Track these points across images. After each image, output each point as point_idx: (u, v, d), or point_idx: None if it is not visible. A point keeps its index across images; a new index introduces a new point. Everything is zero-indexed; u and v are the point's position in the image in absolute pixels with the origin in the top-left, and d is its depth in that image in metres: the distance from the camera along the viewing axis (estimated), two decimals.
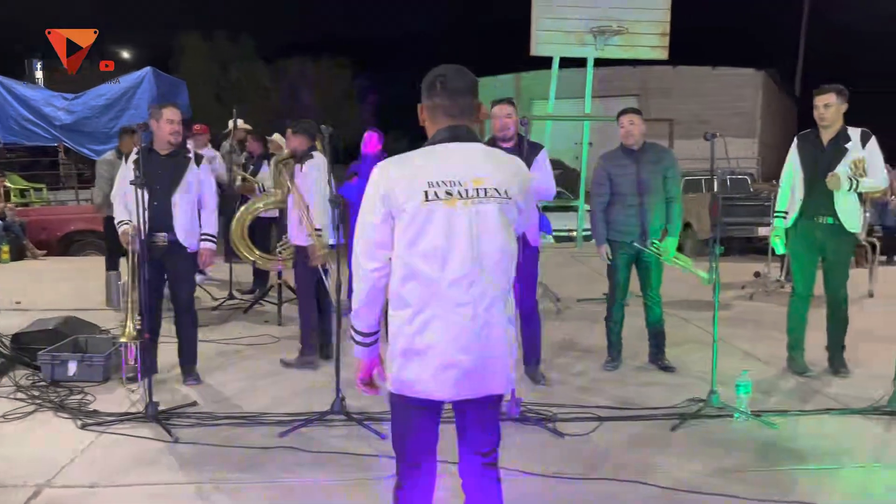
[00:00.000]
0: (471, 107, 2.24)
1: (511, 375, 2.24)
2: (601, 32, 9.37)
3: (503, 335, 2.18)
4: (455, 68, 2.25)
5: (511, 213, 2.19)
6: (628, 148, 5.02)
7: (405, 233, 2.11)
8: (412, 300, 2.13)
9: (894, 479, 3.39)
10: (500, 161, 2.24)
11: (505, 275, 2.19)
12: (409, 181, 2.11)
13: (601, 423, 4.02)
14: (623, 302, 5.23)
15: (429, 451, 2.27)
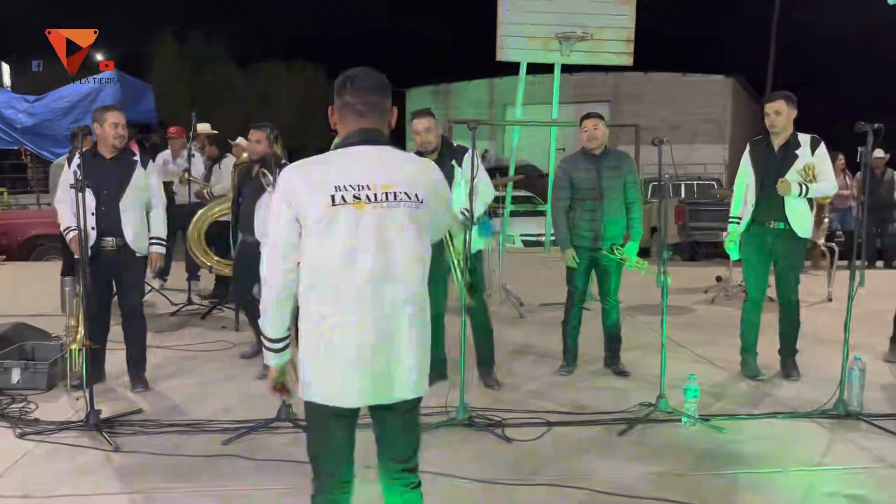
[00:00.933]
0: (381, 108, 2.20)
1: (422, 381, 2.22)
2: (566, 38, 9.40)
3: (413, 340, 2.16)
4: (365, 70, 2.22)
5: (422, 216, 2.17)
6: (590, 152, 5.04)
7: (311, 237, 2.08)
8: (320, 306, 2.11)
9: (834, 482, 3.41)
10: (411, 165, 2.22)
11: (416, 279, 2.17)
12: (316, 185, 2.08)
13: (550, 429, 4.01)
14: (581, 306, 5.24)
15: (344, 459, 2.23)
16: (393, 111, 2.26)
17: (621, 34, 9.75)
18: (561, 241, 5.12)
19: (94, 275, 4.29)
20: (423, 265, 2.20)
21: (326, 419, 2.17)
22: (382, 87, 2.21)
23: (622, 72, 19.38)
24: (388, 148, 2.19)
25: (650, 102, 21.44)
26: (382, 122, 2.22)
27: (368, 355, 2.10)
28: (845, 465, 3.61)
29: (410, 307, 2.15)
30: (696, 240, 11.54)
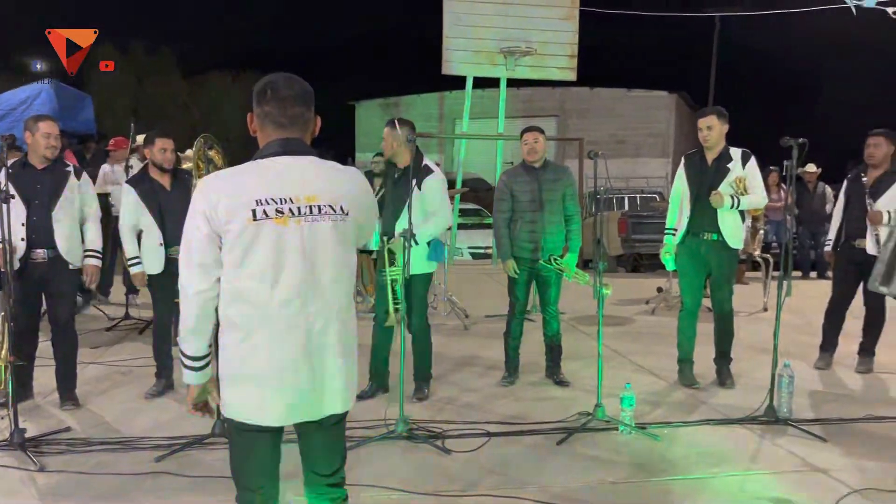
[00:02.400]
0: (304, 119, 2.15)
1: (349, 395, 2.19)
2: (511, 53, 9.53)
3: (340, 355, 2.13)
4: (286, 76, 2.15)
5: (347, 229, 2.13)
6: (530, 165, 5.11)
7: (232, 252, 2.02)
8: (241, 322, 2.05)
9: (762, 486, 3.50)
10: (335, 175, 2.15)
11: (342, 293, 2.14)
12: (235, 198, 2.00)
13: (489, 439, 4.03)
14: (522, 317, 5.28)
15: (268, 476, 2.18)
16: (317, 120, 2.22)
17: (565, 49, 9.93)
18: (502, 253, 5.17)
19: (22, 288, 4.15)
20: (350, 279, 2.18)
21: (249, 436, 2.12)
22: (306, 97, 2.14)
23: (568, 87, 19.69)
24: (312, 158, 2.13)
25: (596, 117, 21.85)
26: (305, 132, 2.16)
27: (293, 373, 2.05)
28: (773, 469, 3.71)
29: (336, 322, 2.12)
30: (638, 251, 11.77)
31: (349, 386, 2.18)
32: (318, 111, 2.22)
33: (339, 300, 2.13)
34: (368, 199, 2.25)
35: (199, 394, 2.20)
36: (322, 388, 2.10)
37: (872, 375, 5.45)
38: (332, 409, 2.15)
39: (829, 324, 5.65)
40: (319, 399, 2.11)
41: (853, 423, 4.37)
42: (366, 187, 2.25)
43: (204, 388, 2.19)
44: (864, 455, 3.87)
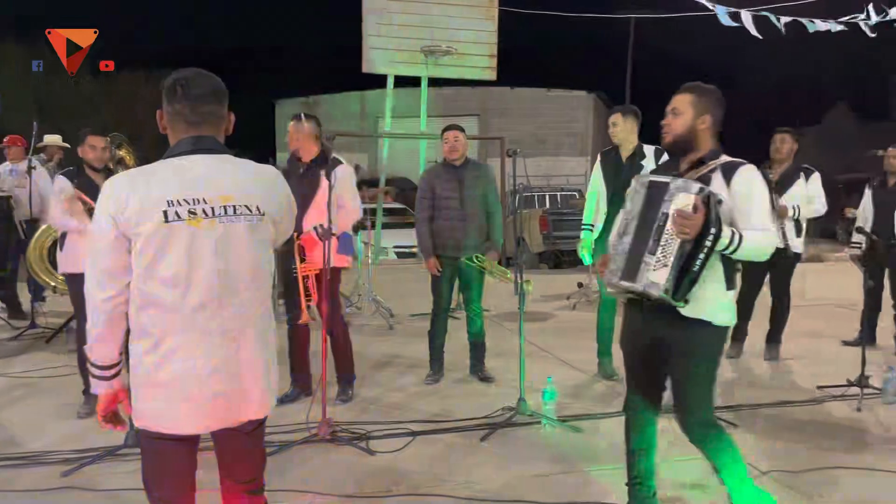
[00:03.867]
0: (216, 116, 2.07)
1: (268, 400, 2.13)
2: (431, 52, 9.51)
3: (258, 359, 2.07)
4: (197, 72, 2.07)
5: (264, 230, 2.07)
6: (451, 163, 5.12)
7: (142, 256, 1.93)
8: (153, 329, 1.96)
9: (678, 473, 3.62)
10: (251, 174, 2.08)
11: (260, 296, 2.09)
12: (145, 199, 1.91)
13: (414, 438, 4.02)
14: (446, 315, 5.29)
15: (183, 486, 2.10)
16: (230, 117, 2.14)
17: (485, 49, 9.97)
18: (424, 251, 5.16)
19: None
20: (267, 280, 2.11)
21: (164, 445, 2.04)
22: (218, 94, 2.07)
23: (490, 87, 19.89)
24: (226, 157, 2.05)
25: (517, 116, 22.14)
26: (218, 130, 2.09)
27: (208, 380, 1.98)
28: (688, 455, 3.81)
29: (253, 326, 2.05)
30: (559, 248, 11.98)
31: (267, 390, 2.12)
32: (236, 110, 2.17)
33: (256, 303, 2.07)
34: (286, 198, 2.20)
35: (109, 404, 2.09)
36: (239, 394, 2.04)
37: (779, 363, 5.71)
38: (250, 414, 2.09)
39: (739, 314, 5.83)
40: (236, 405, 2.04)
41: (762, 409, 4.56)
42: (283, 186, 2.19)
43: (114, 398, 2.09)
44: (773, 439, 4.05)
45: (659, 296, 2.60)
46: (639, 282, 2.65)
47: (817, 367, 5.49)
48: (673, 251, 2.59)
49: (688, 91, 2.80)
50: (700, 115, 2.74)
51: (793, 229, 5.54)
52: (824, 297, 8.52)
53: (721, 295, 2.70)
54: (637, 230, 2.73)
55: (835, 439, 4.07)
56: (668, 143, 2.79)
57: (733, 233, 2.58)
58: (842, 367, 5.21)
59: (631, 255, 2.71)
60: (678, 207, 2.57)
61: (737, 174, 2.65)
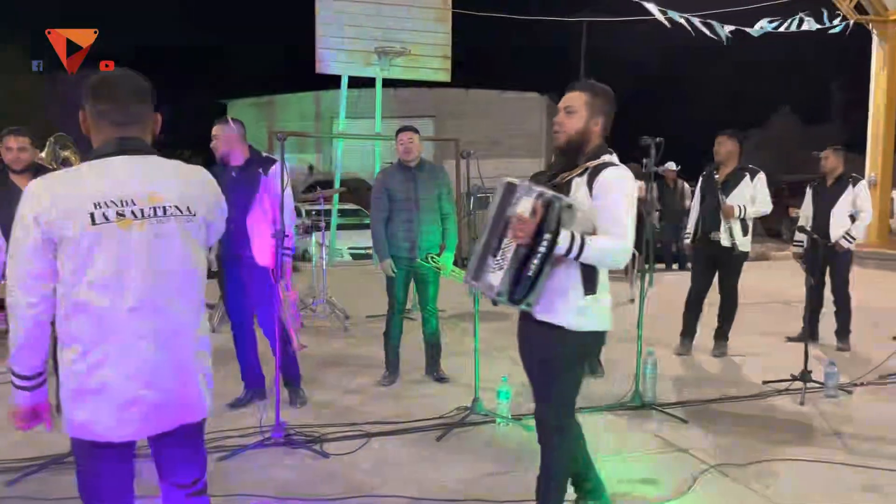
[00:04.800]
0: (143, 115, 2.03)
1: (205, 402, 2.11)
2: (385, 53, 9.54)
3: (193, 361, 2.05)
4: (122, 72, 2.05)
5: (196, 230, 2.05)
6: (406, 165, 5.12)
7: (70, 261, 1.88)
8: (83, 336, 1.91)
9: (630, 469, 3.69)
10: (180, 175, 2.06)
11: (193, 297, 2.06)
12: (70, 201, 1.87)
13: (369, 440, 4.01)
14: (401, 316, 5.29)
15: (121, 494, 2.06)
16: (156, 117, 2.10)
17: (439, 51, 10.04)
18: (379, 253, 5.16)
19: None
20: (200, 282, 2.09)
21: (99, 453, 1.98)
22: (143, 94, 2.04)
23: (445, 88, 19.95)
24: (153, 157, 2.02)
25: (471, 118, 22.22)
26: (145, 131, 2.05)
27: (145, 384, 1.94)
28: (640, 451, 3.92)
29: (187, 329, 2.03)
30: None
31: (203, 392, 2.10)
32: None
33: (190, 305, 2.05)
34: (217, 197, 2.17)
35: (31, 418, 2.03)
36: (174, 398, 2.01)
37: (727, 359, 5.86)
38: (187, 418, 2.07)
39: (689, 312, 6.03)
40: (172, 409, 2.02)
41: (710, 404, 4.68)
42: (213, 185, 2.17)
43: (34, 413, 2.03)
44: (720, 433, 4.16)
45: (494, 298, 2.61)
46: (481, 283, 2.65)
47: (763, 363, 5.65)
48: (508, 254, 2.57)
49: (582, 89, 2.71)
50: (594, 117, 2.69)
51: (739, 229, 5.69)
52: (770, 294, 8.77)
53: (578, 300, 2.64)
54: (488, 231, 2.69)
55: (779, 432, 4.20)
56: (562, 143, 2.71)
57: (573, 238, 2.50)
58: (786, 363, 5.37)
59: (480, 255, 2.69)
60: (519, 211, 2.54)
61: (598, 178, 2.58)
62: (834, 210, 6.11)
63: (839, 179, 6.19)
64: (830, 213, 6.10)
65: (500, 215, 2.64)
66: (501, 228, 2.62)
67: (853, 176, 6.25)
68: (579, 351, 2.76)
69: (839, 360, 5.34)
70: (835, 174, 6.21)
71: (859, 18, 11.79)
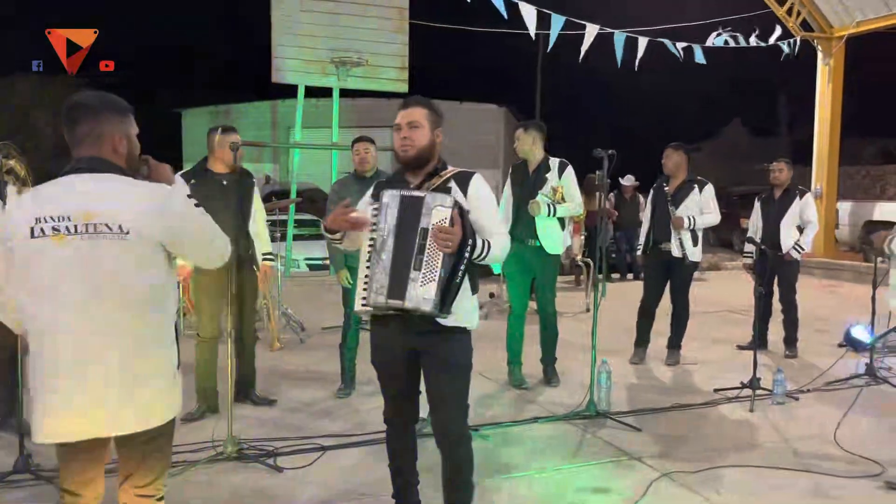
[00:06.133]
0: (95, 135, 2.13)
1: (142, 416, 2.14)
2: (342, 63, 9.51)
3: (125, 374, 2.09)
4: (78, 95, 2.20)
5: (135, 248, 2.08)
6: (361, 175, 5.10)
7: (17, 271, 2.07)
8: (31, 344, 2.08)
9: (583, 478, 3.72)
10: (127, 193, 2.11)
11: (132, 314, 2.10)
12: (21, 215, 2.07)
13: (324, 453, 3.97)
14: (358, 327, 5.26)
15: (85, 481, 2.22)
16: (113, 136, 2.15)
17: (396, 61, 10.05)
18: (335, 264, 5.13)
19: None
20: (145, 300, 2.12)
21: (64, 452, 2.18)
22: (91, 113, 2.14)
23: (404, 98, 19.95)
24: (106, 176, 2.10)
25: None
26: (100, 149, 2.14)
27: (85, 391, 2.06)
28: (593, 460, 3.95)
29: (121, 343, 2.08)
30: None
31: (139, 405, 2.12)
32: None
33: (127, 321, 2.09)
34: (178, 218, 2.17)
35: None
36: (103, 409, 2.08)
37: (680, 367, 5.96)
38: (122, 429, 2.12)
39: (642, 321, 6.12)
40: (101, 419, 2.09)
41: (663, 412, 4.75)
42: (178, 206, 2.17)
43: None
44: (672, 441, 4.23)
45: (430, 311, 2.58)
46: (408, 300, 2.58)
47: (714, 371, 5.76)
48: (438, 265, 2.58)
49: (420, 105, 2.83)
50: (435, 129, 2.81)
51: (689, 239, 5.80)
52: (721, 303, 8.95)
53: (470, 300, 2.79)
54: (396, 247, 2.64)
55: (729, 439, 4.28)
56: (412, 156, 2.77)
57: (483, 241, 2.67)
58: (737, 370, 5.49)
59: (394, 272, 2.62)
60: (436, 222, 2.58)
61: (471, 183, 2.76)
62: (783, 221, 6.27)
63: (787, 191, 6.36)
64: (779, 225, 6.26)
65: (411, 228, 2.62)
66: (418, 241, 2.61)
67: (800, 188, 6.44)
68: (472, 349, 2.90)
69: (787, 368, 5.48)
70: (783, 186, 6.38)
71: (805, 35, 12.14)
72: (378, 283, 2.63)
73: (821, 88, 12.65)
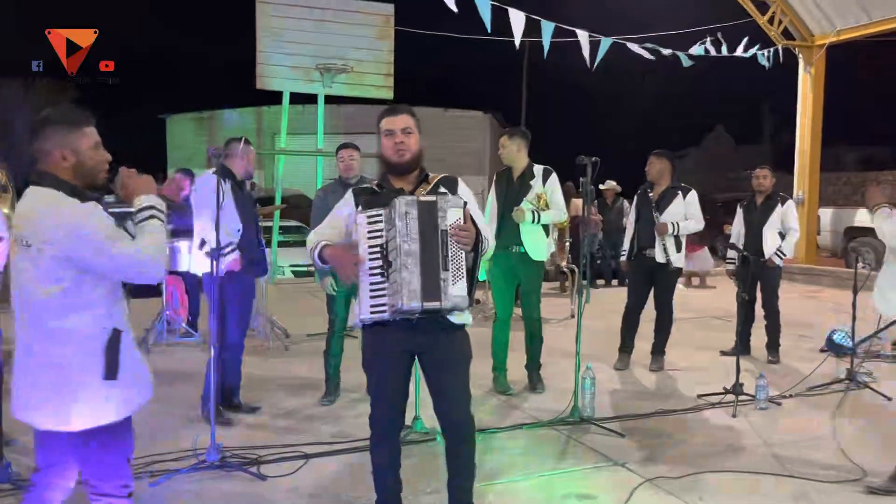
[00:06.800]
0: (38, 152, 2.34)
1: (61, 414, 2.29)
2: (327, 70, 9.49)
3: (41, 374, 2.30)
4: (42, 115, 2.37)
5: (37, 261, 2.26)
6: (346, 181, 5.10)
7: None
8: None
9: (567, 484, 3.72)
10: (41, 208, 2.28)
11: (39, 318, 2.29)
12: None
13: (308, 461, 3.95)
14: (342, 334, 5.24)
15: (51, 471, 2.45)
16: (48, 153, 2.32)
17: (381, 68, 10.05)
18: (318, 270, 5.11)
19: None
20: (45, 305, 2.28)
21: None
22: (38, 130, 2.35)
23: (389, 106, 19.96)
24: (39, 189, 2.32)
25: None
26: (47, 165, 2.33)
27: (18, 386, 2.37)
28: (578, 467, 3.96)
29: (38, 345, 2.31)
30: None
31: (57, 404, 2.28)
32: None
33: (36, 325, 2.30)
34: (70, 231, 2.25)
35: None
36: (31, 402, 2.33)
37: (664, 373, 5.99)
38: (42, 424, 2.35)
39: (626, 327, 6.14)
40: (31, 411, 2.34)
41: (647, 418, 4.77)
42: (73, 218, 2.26)
43: None
44: (656, 447, 4.24)
45: (464, 307, 2.74)
46: (444, 300, 2.66)
47: (698, 377, 5.79)
48: (462, 263, 2.71)
49: (407, 113, 2.94)
50: (419, 134, 2.93)
51: (673, 245, 5.84)
52: (705, 309, 9.01)
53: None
54: (423, 250, 2.69)
55: (713, 445, 4.30)
56: (408, 160, 2.88)
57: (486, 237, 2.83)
58: (720, 376, 5.52)
59: (426, 275, 2.67)
60: (451, 222, 2.69)
61: (460, 186, 2.94)
62: (765, 228, 6.33)
63: (769, 198, 6.42)
64: (762, 231, 6.31)
65: (434, 231, 2.69)
66: (440, 242, 2.68)
67: (781, 195, 6.50)
68: None
69: (769, 373, 5.52)
70: (766, 193, 6.44)
71: (787, 43, 12.28)
72: (409, 287, 2.66)
73: (802, 96, 12.79)
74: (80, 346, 2.28)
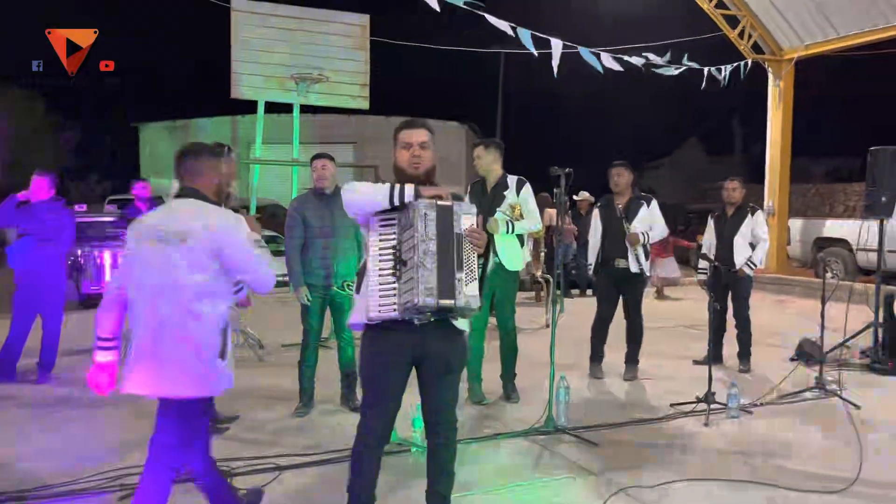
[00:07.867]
0: (192, 173, 2.99)
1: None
2: (303, 79, 9.49)
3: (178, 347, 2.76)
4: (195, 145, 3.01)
5: (189, 255, 2.83)
6: (321, 191, 5.09)
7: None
8: None
9: (541, 494, 3.73)
10: (196, 214, 2.85)
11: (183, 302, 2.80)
12: None
13: (280, 473, 3.91)
14: (317, 345, 5.21)
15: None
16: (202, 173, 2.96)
17: (356, 78, 10.06)
18: (294, 280, 5.09)
19: None
20: (188, 290, 2.80)
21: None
22: (195, 157, 2.95)
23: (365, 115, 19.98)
24: (188, 200, 2.90)
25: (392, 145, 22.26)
26: (197, 183, 2.98)
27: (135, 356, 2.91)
28: (551, 476, 3.96)
29: (172, 318, 2.79)
30: None
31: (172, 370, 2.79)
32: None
33: (182, 305, 2.81)
34: (225, 232, 2.91)
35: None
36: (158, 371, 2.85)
37: (637, 382, 6.03)
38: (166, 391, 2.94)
39: (596, 337, 6.19)
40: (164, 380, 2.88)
41: (620, 427, 4.79)
42: (226, 223, 2.90)
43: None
44: (629, 455, 4.27)
45: (475, 306, 2.83)
46: (458, 298, 2.78)
47: (671, 386, 5.84)
48: (473, 265, 2.86)
49: (423, 127, 3.07)
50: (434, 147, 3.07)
51: (642, 254, 5.90)
52: (678, 319, 9.09)
53: None
54: (440, 251, 2.81)
55: (686, 453, 4.34)
56: (422, 173, 3.00)
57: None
58: (692, 385, 5.57)
59: (442, 274, 2.79)
60: (465, 227, 2.85)
61: (465, 200, 3.17)
62: (735, 238, 6.41)
63: (739, 209, 6.51)
64: (733, 241, 6.40)
65: (449, 233, 2.81)
66: (456, 244, 2.81)
67: (751, 205, 6.59)
68: None
69: (741, 382, 5.58)
70: (737, 204, 6.53)
71: (756, 57, 12.50)
72: (426, 284, 2.75)
73: (772, 109, 13.01)
74: (207, 325, 2.79)
